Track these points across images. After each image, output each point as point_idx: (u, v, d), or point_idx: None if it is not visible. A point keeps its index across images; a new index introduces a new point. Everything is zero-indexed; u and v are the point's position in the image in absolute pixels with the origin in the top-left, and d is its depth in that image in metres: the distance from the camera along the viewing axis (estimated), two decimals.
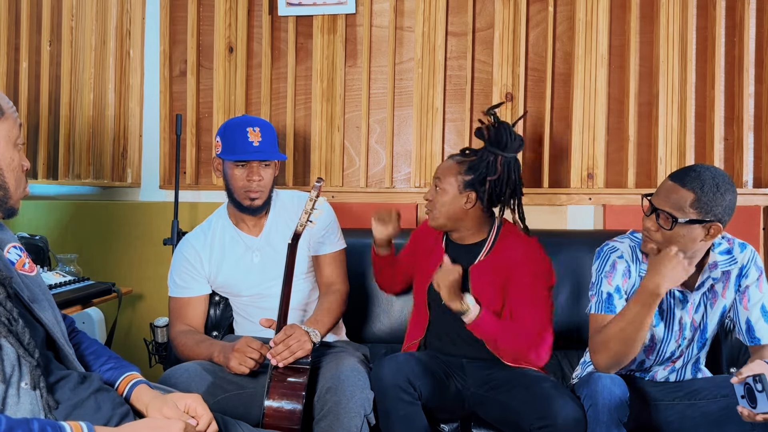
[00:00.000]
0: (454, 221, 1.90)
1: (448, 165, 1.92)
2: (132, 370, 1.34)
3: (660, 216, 1.61)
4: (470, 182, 1.86)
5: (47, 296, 1.29)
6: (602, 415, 1.55)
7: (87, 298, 2.02)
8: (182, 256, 2.00)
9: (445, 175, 1.89)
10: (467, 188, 1.86)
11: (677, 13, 2.52)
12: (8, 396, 1.10)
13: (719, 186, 1.57)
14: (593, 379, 1.61)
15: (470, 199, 1.87)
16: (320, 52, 2.69)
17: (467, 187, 1.86)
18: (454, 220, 1.90)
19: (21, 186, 1.25)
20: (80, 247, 2.51)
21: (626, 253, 1.76)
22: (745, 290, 1.73)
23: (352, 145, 2.72)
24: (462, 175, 1.87)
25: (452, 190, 1.87)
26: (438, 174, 1.91)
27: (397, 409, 1.66)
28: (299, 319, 1.96)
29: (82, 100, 2.64)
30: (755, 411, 1.44)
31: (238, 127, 1.91)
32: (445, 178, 1.89)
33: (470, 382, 1.84)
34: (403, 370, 1.68)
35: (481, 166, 1.85)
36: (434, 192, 1.91)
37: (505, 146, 1.85)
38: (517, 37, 2.60)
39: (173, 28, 2.79)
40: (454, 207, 1.88)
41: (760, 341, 1.71)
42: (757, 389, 1.44)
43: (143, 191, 2.84)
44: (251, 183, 1.90)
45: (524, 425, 1.64)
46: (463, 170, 1.87)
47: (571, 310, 2.26)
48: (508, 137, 1.86)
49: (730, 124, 2.54)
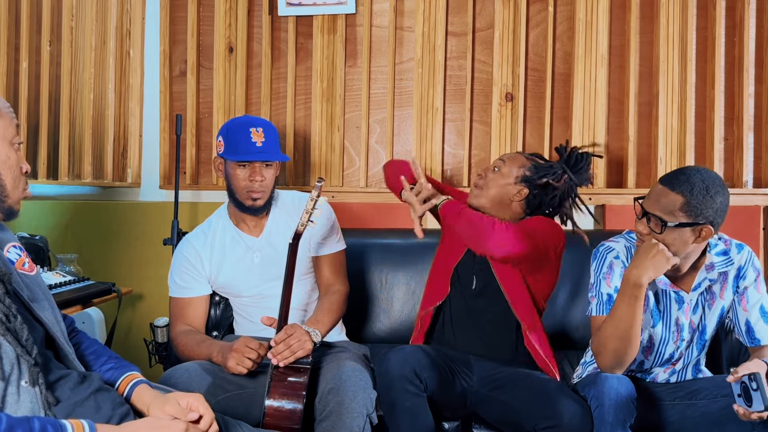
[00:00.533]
0: (496, 206, 1.92)
1: (516, 155, 1.98)
2: (132, 370, 1.34)
3: (651, 219, 1.61)
4: (529, 179, 1.90)
5: (47, 296, 1.29)
6: (608, 416, 1.55)
7: (87, 298, 2.02)
8: (182, 256, 2.00)
9: (511, 160, 1.94)
10: (523, 182, 1.90)
11: (677, 13, 2.53)
12: (8, 394, 1.10)
13: (709, 189, 1.56)
14: (600, 380, 1.61)
15: (520, 194, 1.91)
16: (320, 52, 2.69)
17: (523, 181, 1.90)
18: (495, 205, 1.92)
19: (19, 186, 1.24)
20: (80, 247, 2.50)
21: (622, 252, 1.77)
22: (744, 291, 1.73)
23: (352, 145, 2.72)
24: (524, 169, 1.92)
25: (510, 176, 1.92)
26: (504, 157, 1.97)
27: (403, 400, 1.65)
28: (300, 319, 1.96)
29: (82, 100, 2.64)
30: (750, 409, 1.45)
31: (241, 127, 1.91)
32: (509, 163, 1.94)
33: (475, 380, 1.84)
34: (410, 362, 1.68)
35: (548, 173, 1.89)
36: (491, 172, 1.94)
37: (579, 170, 1.91)
38: (517, 37, 2.60)
39: (173, 28, 2.79)
40: (502, 193, 1.92)
41: (760, 342, 1.71)
42: (752, 388, 1.44)
43: (143, 191, 2.84)
44: (254, 183, 1.90)
45: (527, 426, 1.63)
46: (529, 166, 1.92)
47: (571, 310, 2.27)
48: (584, 165, 1.93)
49: (730, 124, 2.54)
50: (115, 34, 2.72)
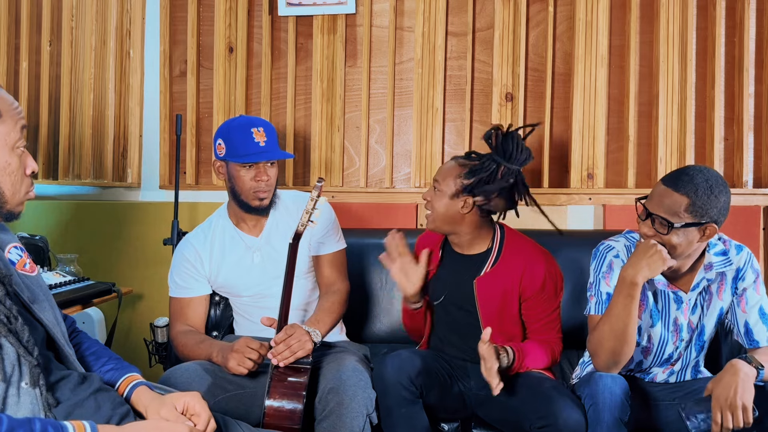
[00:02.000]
0: (451, 225, 1.85)
1: (448, 167, 1.86)
2: (132, 371, 1.34)
3: (656, 221, 1.61)
4: (468, 187, 1.79)
5: (48, 297, 1.29)
6: (603, 415, 1.55)
7: (87, 298, 2.02)
8: (182, 256, 2.00)
9: (444, 177, 1.84)
10: (465, 192, 1.80)
11: (677, 13, 2.52)
12: (9, 395, 1.10)
13: (713, 188, 1.57)
14: (594, 379, 1.62)
15: (467, 204, 1.81)
16: (320, 52, 2.69)
17: (465, 192, 1.80)
18: (450, 224, 1.85)
19: (21, 190, 1.21)
20: (80, 247, 2.50)
21: (622, 252, 1.77)
22: (743, 293, 1.73)
23: (352, 145, 2.72)
24: (461, 179, 1.80)
25: (449, 192, 1.81)
26: (437, 175, 1.86)
27: (399, 406, 1.66)
28: (300, 318, 1.96)
29: (83, 100, 2.64)
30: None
31: (242, 128, 1.91)
32: (443, 180, 1.83)
33: (473, 383, 1.84)
34: (406, 368, 1.68)
35: (482, 172, 1.78)
36: (432, 193, 1.86)
37: (510, 157, 1.78)
38: (517, 37, 2.60)
39: (173, 28, 2.79)
40: (450, 210, 1.82)
41: (759, 344, 1.71)
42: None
43: (143, 191, 2.84)
44: (260, 183, 1.90)
45: (525, 425, 1.64)
46: (463, 174, 1.80)
47: (571, 310, 2.26)
48: (514, 148, 1.79)
49: (730, 124, 2.54)
50: (115, 34, 2.72)
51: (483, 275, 1.85)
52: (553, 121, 2.62)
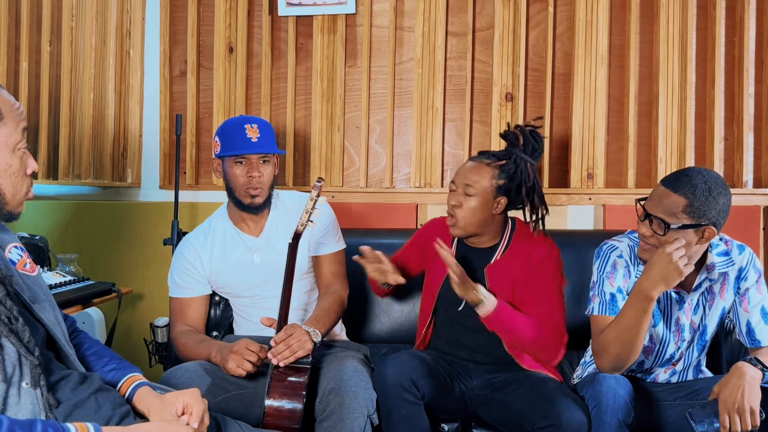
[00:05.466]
0: (481, 227, 1.83)
1: (478, 168, 1.81)
2: (134, 372, 1.33)
3: (653, 221, 1.61)
4: (505, 188, 1.78)
5: (48, 297, 1.29)
6: (606, 416, 1.55)
7: (87, 298, 2.01)
8: (182, 256, 2.00)
9: (476, 179, 1.79)
10: (500, 194, 1.79)
11: (677, 13, 2.53)
12: (9, 396, 1.10)
13: (711, 190, 1.56)
14: (598, 380, 1.61)
15: (500, 205, 1.80)
16: (320, 52, 2.69)
17: (500, 193, 1.79)
18: (480, 226, 1.83)
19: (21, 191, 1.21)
20: (80, 247, 2.50)
21: (625, 252, 1.76)
22: (745, 293, 1.73)
23: (352, 145, 2.72)
24: (496, 180, 1.78)
25: (485, 195, 1.78)
26: (465, 179, 1.80)
27: (400, 408, 1.66)
28: (300, 318, 1.96)
29: (82, 100, 2.64)
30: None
31: (236, 124, 1.93)
32: (476, 183, 1.78)
33: (475, 384, 1.84)
34: (407, 370, 1.68)
35: (517, 172, 1.78)
36: (462, 197, 1.80)
37: (533, 152, 1.81)
38: (517, 37, 2.60)
39: (173, 28, 2.79)
40: (485, 213, 1.80)
41: (761, 343, 1.71)
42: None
43: (143, 191, 2.84)
44: (251, 179, 1.91)
45: (527, 426, 1.63)
46: (497, 174, 1.79)
47: (572, 311, 2.25)
48: (538, 144, 1.82)
49: (730, 124, 2.54)
50: (115, 34, 2.72)
51: (493, 263, 1.86)
52: (553, 121, 2.62)
